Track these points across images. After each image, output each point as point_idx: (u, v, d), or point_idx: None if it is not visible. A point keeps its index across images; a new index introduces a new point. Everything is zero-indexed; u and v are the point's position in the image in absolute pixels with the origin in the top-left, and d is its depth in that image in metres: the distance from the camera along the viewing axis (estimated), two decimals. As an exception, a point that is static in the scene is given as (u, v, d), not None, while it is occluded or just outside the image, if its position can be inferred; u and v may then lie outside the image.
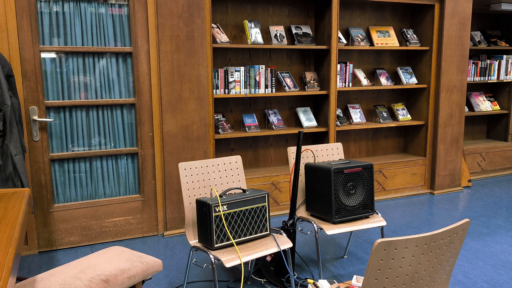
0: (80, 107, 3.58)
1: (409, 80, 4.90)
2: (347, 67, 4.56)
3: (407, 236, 1.43)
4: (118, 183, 3.78)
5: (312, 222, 2.95)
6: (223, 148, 4.36)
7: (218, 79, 4.01)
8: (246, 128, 4.23)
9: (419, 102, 5.04)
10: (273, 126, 4.35)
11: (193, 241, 2.65)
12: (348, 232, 3.87)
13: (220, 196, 2.55)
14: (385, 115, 4.89)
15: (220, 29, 4.06)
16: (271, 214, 4.29)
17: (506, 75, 5.58)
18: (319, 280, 2.39)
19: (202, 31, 3.71)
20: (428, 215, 4.35)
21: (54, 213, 3.53)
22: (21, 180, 2.86)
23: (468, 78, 5.26)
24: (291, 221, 2.94)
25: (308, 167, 3.05)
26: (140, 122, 3.71)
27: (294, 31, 4.37)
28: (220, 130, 4.08)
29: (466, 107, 5.34)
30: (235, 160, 2.93)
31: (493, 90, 5.88)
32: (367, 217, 3.02)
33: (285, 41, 4.26)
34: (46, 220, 3.52)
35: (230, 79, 4.06)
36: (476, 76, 5.42)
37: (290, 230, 2.93)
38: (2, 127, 2.76)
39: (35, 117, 3.37)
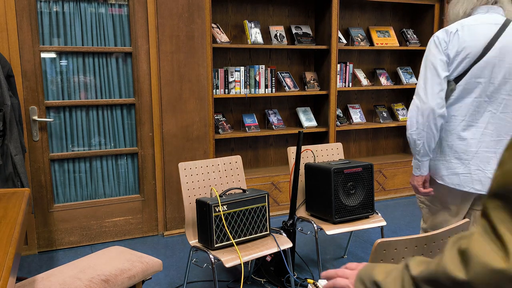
0: (80, 107, 3.58)
1: (409, 80, 4.90)
2: (347, 67, 4.56)
3: (407, 236, 1.43)
4: (118, 183, 3.78)
5: (312, 222, 2.95)
6: (223, 148, 4.36)
7: (218, 79, 4.01)
8: (246, 128, 4.23)
9: (419, 102, 5.03)
10: (273, 126, 4.35)
11: (193, 241, 2.65)
12: (348, 232, 3.87)
13: (220, 196, 2.55)
14: (385, 115, 4.89)
15: (220, 29, 4.06)
16: (271, 214, 4.29)
17: (506, 75, 5.57)
18: (319, 280, 2.39)
19: (202, 31, 3.71)
20: (428, 215, 4.35)
21: (54, 213, 3.53)
22: (21, 180, 2.86)
23: (468, 78, 5.26)
24: (291, 221, 2.94)
25: (308, 167, 3.05)
26: (140, 122, 3.71)
27: (294, 31, 4.37)
28: (220, 130, 4.08)
29: (466, 107, 5.34)
30: (235, 160, 2.93)
31: (493, 90, 5.88)
32: (367, 217, 3.02)
33: (285, 41, 4.26)
34: (46, 220, 3.52)
35: (230, 79, 4.06)
36: (476, 76, 5.42)
37: (290, 230, 2.93)
38: (2, 127, 2.76)
39: (35, 117, 3.37)
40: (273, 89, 4.24)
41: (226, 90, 4.06)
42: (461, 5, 2.04)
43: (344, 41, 4.48)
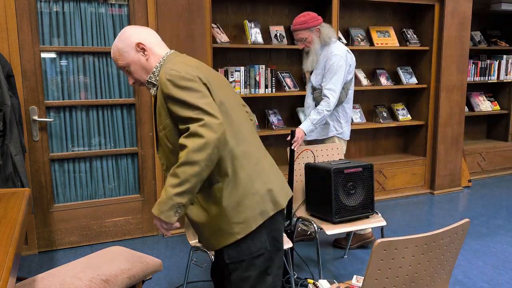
0: (80, 107, 3.58)
1: (409, 80, 4.90)
2: (347, 67, 4.56)
3: (407, 236, 1.43)
4: (118, 183, 3.78)
5: (312, 222, 2.95)
6: (223, 148, 4.35)
7: (218, 79, 4.01)
8: (246, 128, 4.22)
9: (419, 102, 5.04)
10: (273, 126, 4.35)
11: (193, 241, 2.66)
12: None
13: (220, 196, 2.54)
14: (385, 115, 4.89)
15: (220, 29, 4.06)
16: (271, 214, 4.28)
17: (506, 75, 5.58)
18: (319, 280, 2.39)
19: (202, 31, 3.71)
20: (428, 215, 4.35)
21: (54, 213, 3.53)
22: (21, 180, 2.86)
23: (468, 78, 5.25)
24: (290, 221, 2.94)
25: (308, 167, 3.05)
26: (140, 122, 3.71)
27: (294, 31, 4.37)
28: (220, 130, 4.07)
29: (466, 107, 5.34)
30: (235, 160, 2.92)
31: (493, 90, 5.88)
32: (367, 217, 3.02)
33: (285, 41, 4.26)
34: (46, 220, 3.52)
35: (230, 79, 4.06)
36: (476, 76, 5.42)
37: (289, 230, 2.93)
38: (2, 127, 2.76)
39: (35, 117, 3.37)
40: (273, 89, 4.24)
41: (226, 90, 4.05)
42: (331, 33, 3.29)
43: (344, 41, 4.48)
